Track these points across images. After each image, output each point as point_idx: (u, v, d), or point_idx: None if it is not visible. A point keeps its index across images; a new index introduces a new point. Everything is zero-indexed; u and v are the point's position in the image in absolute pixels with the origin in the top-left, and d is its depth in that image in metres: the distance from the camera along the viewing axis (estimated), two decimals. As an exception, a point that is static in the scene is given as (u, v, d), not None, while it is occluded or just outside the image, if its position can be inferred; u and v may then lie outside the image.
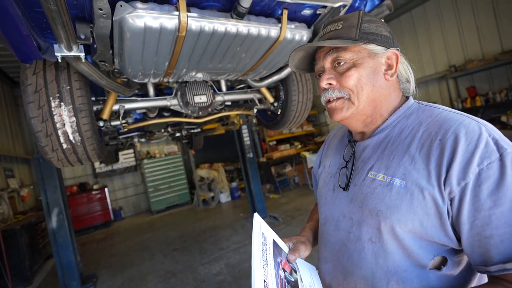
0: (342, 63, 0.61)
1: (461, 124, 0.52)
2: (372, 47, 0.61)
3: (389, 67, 0.62)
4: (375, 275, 0.57)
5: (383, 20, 0.67)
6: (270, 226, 0.66)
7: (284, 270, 0.59)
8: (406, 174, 0.54)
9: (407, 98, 0.66)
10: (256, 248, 0.54)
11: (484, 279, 0.58)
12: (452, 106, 5.23)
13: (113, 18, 0.96)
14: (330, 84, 0.63)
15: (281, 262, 0.60)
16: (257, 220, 0.61)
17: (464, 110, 5.04)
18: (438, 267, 0.54)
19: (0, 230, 3.19)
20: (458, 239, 0.52)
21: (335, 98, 0.63)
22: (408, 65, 0.66)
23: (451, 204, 0.50)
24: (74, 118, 1.36)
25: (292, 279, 0.60)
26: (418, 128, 0.58)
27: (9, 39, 0.92)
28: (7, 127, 5.41)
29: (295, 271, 0.63)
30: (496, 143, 0.49)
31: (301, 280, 0.62)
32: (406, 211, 0.53)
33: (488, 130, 0.51)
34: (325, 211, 0.71)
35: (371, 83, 0.61)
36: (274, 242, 0.62)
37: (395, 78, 0.63)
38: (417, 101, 0.65)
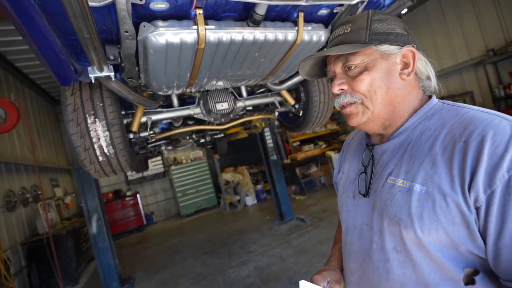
0: (353, 67, 0.59)
1: (489, 124, 0.47)
2: (385, 47, 0.57)
3: (406, 65, 0.58)
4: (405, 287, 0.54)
5: (396, 16, 0.63)
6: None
7: None
8: (427, 179, 0.50)
9: (430, 97, 0.61)
10: None
11: None
12: (493, 94, 4.77)
13: (138, 38, 1.02)
14: (342, 89, 0.61)
15: None
16: None
17: (508, 97, 4.57)
18: (472, 281, 0.48)
19: (50, 234, 3.51)
20: None
21: (348, 103, 0.61)
22: (427, 61, 0.61)
23: (477, 213, 0.46)
24: (107, 133, 1.46)
25: None
26: (441, 129, 0.53)
27: (51, 66, 1.02)
28: (51, 141, 5.98)
29: None
30: None
31: None
32: (428, 219, 0.49)
33: None
34: (347, 219, 0.68)
35: (386, 85, 0.57)
36: None
37: (413, 76, 0.59)
38: (441, 100, 0.60)
